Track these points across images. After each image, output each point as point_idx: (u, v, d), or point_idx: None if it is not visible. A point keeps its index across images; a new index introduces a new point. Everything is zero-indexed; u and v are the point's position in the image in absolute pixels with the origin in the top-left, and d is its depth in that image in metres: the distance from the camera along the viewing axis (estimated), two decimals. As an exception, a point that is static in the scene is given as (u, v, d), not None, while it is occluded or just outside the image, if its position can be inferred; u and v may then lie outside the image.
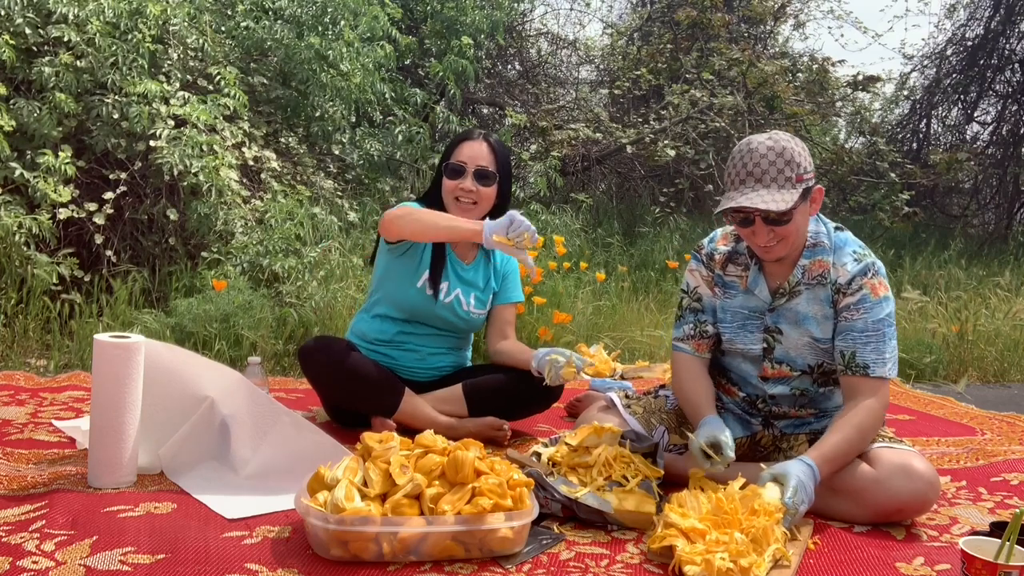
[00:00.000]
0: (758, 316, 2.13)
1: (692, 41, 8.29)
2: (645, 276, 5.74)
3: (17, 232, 3.76)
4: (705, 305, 2.21)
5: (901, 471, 1.92)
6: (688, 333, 2.22)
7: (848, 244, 2.08)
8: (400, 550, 1.64)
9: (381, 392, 2.49)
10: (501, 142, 2.65)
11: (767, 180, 1.93)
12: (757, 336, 2.14)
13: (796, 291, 2.08)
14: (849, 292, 2.03)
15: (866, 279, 2.03)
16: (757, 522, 1.68)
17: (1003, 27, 9.62)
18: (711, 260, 2.20)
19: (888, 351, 2.02)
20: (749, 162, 1.95)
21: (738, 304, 2.16)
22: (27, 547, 1.64)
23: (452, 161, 2.57)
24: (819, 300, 2.07)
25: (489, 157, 2.57)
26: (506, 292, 2.71)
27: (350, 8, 5.49)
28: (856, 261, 2.05)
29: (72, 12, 4.21)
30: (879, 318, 2.02)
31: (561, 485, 1.92)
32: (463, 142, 2.60)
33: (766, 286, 2.12)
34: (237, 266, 4.12)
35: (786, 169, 1.94)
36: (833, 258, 2.06)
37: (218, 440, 2.12)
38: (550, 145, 6.99)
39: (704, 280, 2.21)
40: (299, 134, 5.44)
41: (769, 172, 1.93)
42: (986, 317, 4.80)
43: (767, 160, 1.94)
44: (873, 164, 7.85)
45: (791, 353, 2.12)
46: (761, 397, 2.21)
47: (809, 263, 2.07)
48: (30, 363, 3.46)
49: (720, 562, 1.59)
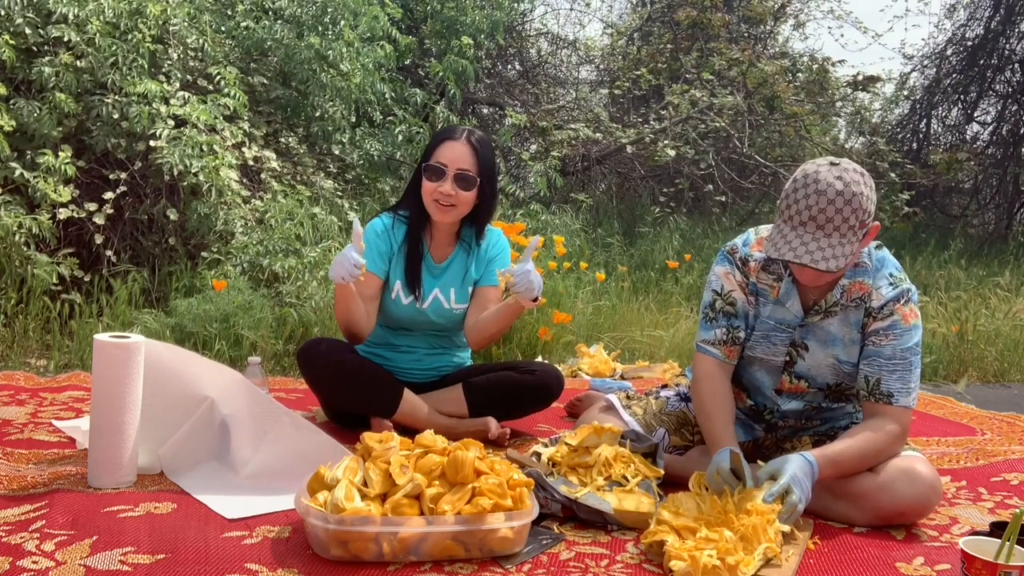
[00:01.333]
0: (786, 329, 2.05)
1: (692, 41, 8.29)
2: (645, 276, 5.74)
3: (17, 232, 3.76)
4: (739, 310, 2.09)
5: (904, 475, 1.91)
6: (720, 338, 2.09)
7: (886, 266, 2.00)
8: (400, 550, 1.64)
9: (380, 393, 2.48)
10: (485, 141, 2.52)
11: (830, 229, 1.81)
12: (781, 349, 2.06)
13: (832, 311, 2.00)
14: (880, 317, 1.96)
15: (899, 305, 1.96)
16: (748, 521, 1.68)
17: (1003, 27, 9.62)
18: (745, 266, 2.08)
19: (913, 381, 1.97)
20: (814, 205, 1.80)
21: (767, 314, 2.07)
22: (27, 547, 1.64)
23: (432, 162, 2.46)
24: (850, 323, 2.00)
25: (471, 159, 2.45)
26: (490, 275, 2.62)
27: (350, 8, 5.49)
28: (892, 286, 1.97)
29: (72, 12, 4.21)
30: (907, 346, 1.96)
31: (561, 485, 1.92)
32: (445, 141, 2.47)
33: (799, 300, 2.02)
34: (237, 266, 4.12)
35: (851, 218, 1.81)
36: (872, 280, 1.98)
37: (218, 440, 2.12)
38: (550, 145, 6.99)
39: (739, 285, 2.09)
40: (299, 134, 5.44)
41: (834, 220, 1.80)
42: (986, 317, 4.80)
43: (834, 207, 1.80)
44: (873, 164, 7.84)
45: (812, 371, 2.06)
46: (770, 409, 2.17)
47: (850, 283, 1.98)
48: (30, 363, 3.46)
49: (707, 559, 1.59)
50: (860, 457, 1.90)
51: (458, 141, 2.47)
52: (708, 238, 6.80)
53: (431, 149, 2.49)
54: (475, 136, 2.50)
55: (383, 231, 2.55)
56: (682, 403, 2.31)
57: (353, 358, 2.48)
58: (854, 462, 1.90)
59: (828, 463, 1.86)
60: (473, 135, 2.50)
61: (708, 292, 2.14)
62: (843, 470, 1.90)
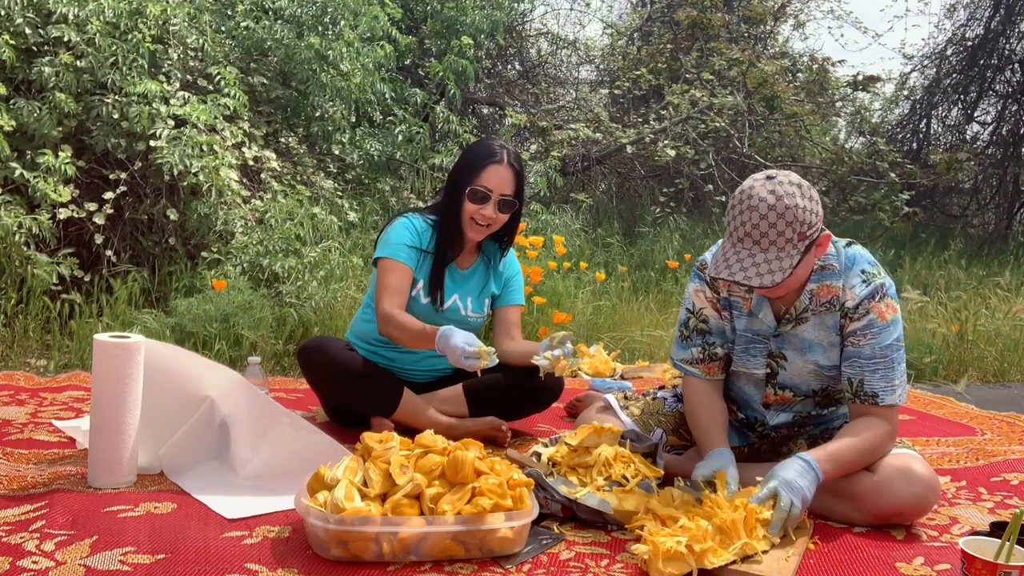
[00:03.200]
0: (762, 340, 2.04)
1: (692, 41, 8.30)
2: (645, 276, 5.74)
3: (17, 232, 3.76)
4: (712, 327, 2.09)
5: (901, 475, 1.91)
6: (696, 357, 2.10)
7: (858, 263, 1.96)
8: (400, 550, 1.64)
9: (380, 392, 2.49)
10: (520, 159, 2.55)
11: (765, 243, 1.79)
12: (760, 360, 2.06)
13: (803, 318, 1.98)
14: (856, 316, 1.93)
15: (874, 303, 1.92)
16: (728, 515, 1.68)
17: (1003, 27, 9.62)
18: (715, 281, 2.06)
19: (897, 378, 1.94)
20: (748, 221, 1.79)
21: (742, 327, 2.06)
22: (27, 547, 1.64)
23: (478, 186, 2.45)
24: (826, 327, 1.98)
25: (513, 184, 2.47)
26: (509, 295, 2.69)
27: (350, 8, 5.49)
28: (865, 283, 1.93)
29: (72, 12, 4.21)
30: (887, 344, 1.92)
31: (561, 485, 1.92)
32: (490, 164, 2.45)
33: (771, 311, 2.01)
34: (237, 266, 4.12)
35: (787, 231, 1.78)
36: (843, 280, 1.95)
37: (218, 440, 2.12)
38: (550, 145, 6.99)
39: (709, 302, 2.09)
40: (299, 134, 5.45)
41: (768, 235, 1.78)
42: (986, 317, 4.80)
43: (767, 222, 1.78)
44: (873, 164, 7.85)
45: (795, 379, 2.05)
46: (760, 422, 2.17)
47: (817, 287, 1.96)
48: (30, 363, 3.46)
49: (674, 544, 1.59)
50: (859, 452, 1.89)
51: (502, 165, 2.46)
52: (708, 238, 6.80)
53: (474, 169, 2.46)
54: (515, 156, 2.51)
55: (416, 230, 2.54)
56: (679, 403, 2.30)
57: (353, 357, 2.48)
58: (853, 458, 1.89)
59: (828, 460, 1.84)
60: (513, 155, 2.50)
61: (682, 310, 2.16)
62: (844, 467, 1.88)
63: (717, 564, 1.61)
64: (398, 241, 2.49)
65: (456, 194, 2.49)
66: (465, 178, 2.48)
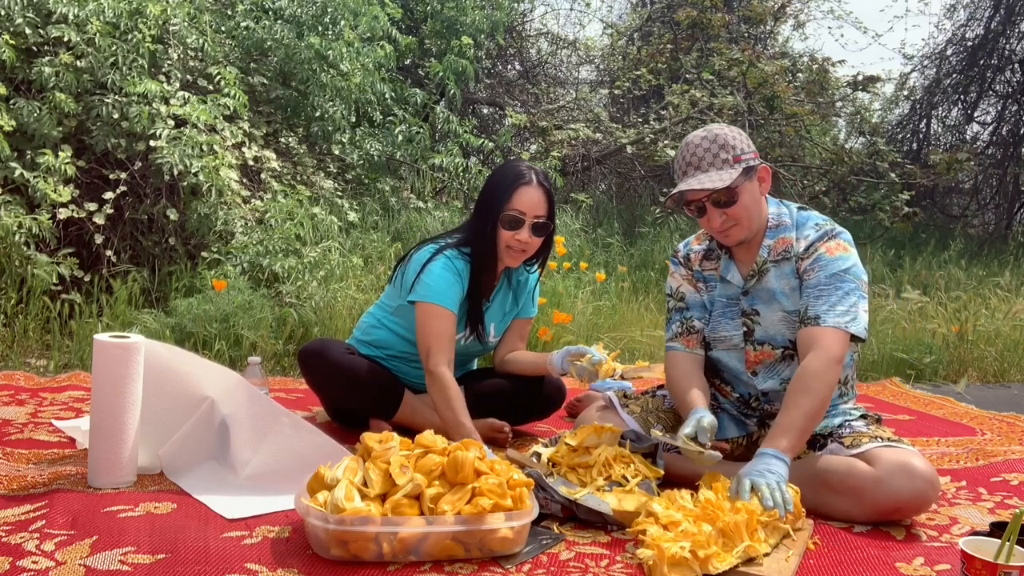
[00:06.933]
0: (735, 302, 2.20)
1: (692, 41, 8.30)
2: (645, 276, 5.74)
3: (17, 232, 3.76)
4: (689, 302, 2.27)
5: (901, 470, 1.92)
6: (676, 331, 2.27)
7: (811, 219, 2.16)
8: (400, 550, 1.64)
9: (380, 395, 2.49)
10: (549, 178, 2.48)
11: (704, 166, 2.05)
12: (737, 322, 2.19)
13: (765, 270, 2.15)
14: (806, 256, 2.10)
15: (821, 243, 2.09)
16: (731, 518, 1.69)
17: (1003, 27, 9.62)
18: (688, 260, 2.30)
19: (843, 304, 2.01)
20: (687, 153, 2.08)
21: (718, 293, 2.24)
22: (27, 547, 1.64)
23: (511, 211, 2.36)
24: (785, 274, 2.14)
25: (545, 205, 2.39)
26: (526, 308, 2.68)
27: (350, 8, 5.50)
28: (816, 229, 2.12)
29: (72, 12, 4.22)
30: (833, 272, 2.05)
31: (561, 486, 1.92)
32: (520, 186, 2.37)
33: (738, 271, 2.20)
34: (237, 266, 4.12)
35: (721, 152, 2.05)
36: (796, 233, 2.14)
37: (218, 440, 2.13)
38: (550, 145, 6.99)
39: (685, 279, 2.29)
40: (299, 134, 5.45)
41: (705, 158, 2.05)
42: (986, 317, 4.80)
43: (702, 148, 2.06)
44: (873, 164, 7.85)
45: (770, 331, 2.16)
46: (754, 395, 2.24)
47: (773, 242, 2.15)
48: (30, 363, 3.46)
49: (678, 550, 1.59)
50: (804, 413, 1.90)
51: (532, 186, 2.39)
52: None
53: (504, 193, 2.38)
54: (543, 176, 2.44)
55: (457, 272, 2.42)
56: None
57: (353, 361, 2.47)
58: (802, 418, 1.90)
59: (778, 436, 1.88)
60: (541, 175, 2.43)
61: (665, 298, 2.35)
62: (798, 431, 1.90)
63: (721, 569, 1.61)
64: (445, 286, 2.37)
65: (489, 222, 2.40)
66: (497, 203, 2.38)
